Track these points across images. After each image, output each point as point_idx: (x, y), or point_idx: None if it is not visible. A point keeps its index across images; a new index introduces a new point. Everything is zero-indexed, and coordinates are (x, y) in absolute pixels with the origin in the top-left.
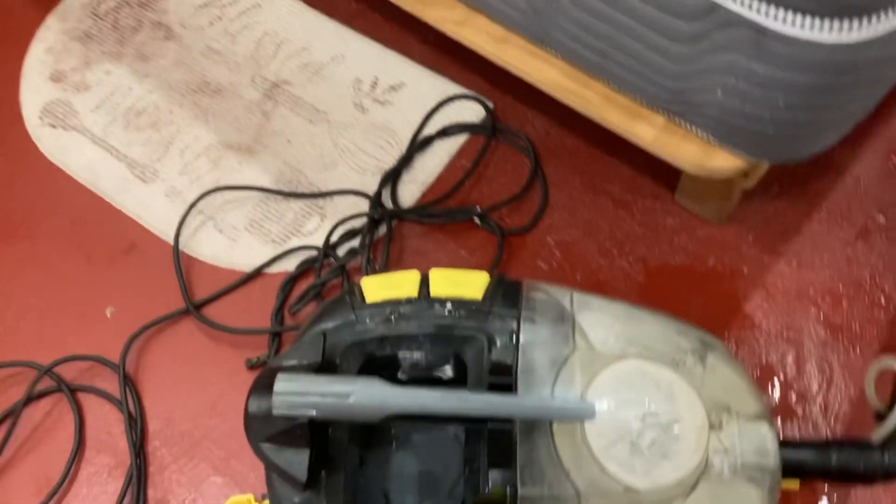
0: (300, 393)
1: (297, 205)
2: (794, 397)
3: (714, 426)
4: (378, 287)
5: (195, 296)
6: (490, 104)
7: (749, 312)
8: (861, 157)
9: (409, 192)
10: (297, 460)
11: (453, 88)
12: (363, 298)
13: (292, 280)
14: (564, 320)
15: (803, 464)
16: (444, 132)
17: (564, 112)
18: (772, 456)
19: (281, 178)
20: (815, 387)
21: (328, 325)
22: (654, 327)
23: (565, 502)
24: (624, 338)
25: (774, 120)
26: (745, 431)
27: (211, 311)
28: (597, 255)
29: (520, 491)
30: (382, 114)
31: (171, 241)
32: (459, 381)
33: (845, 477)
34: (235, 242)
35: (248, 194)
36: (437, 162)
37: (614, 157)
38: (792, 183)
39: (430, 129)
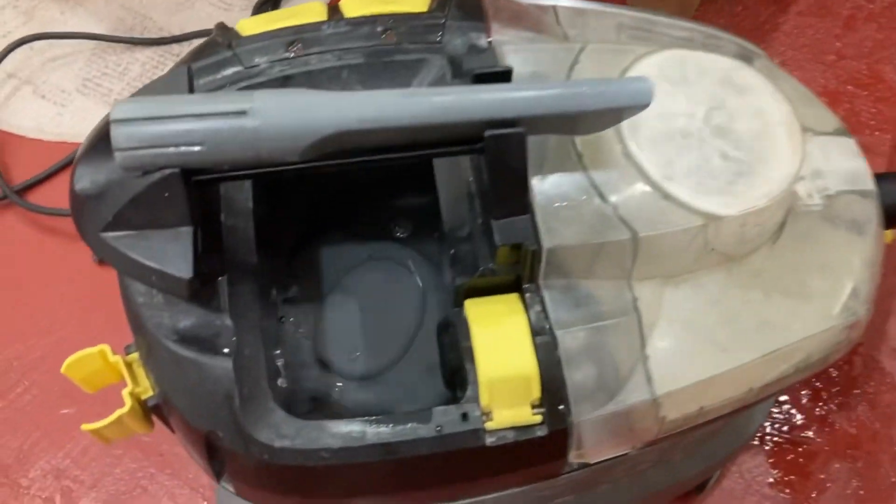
0: (160, 118)
1: (144, 55)
2: None
3: None
4: (265, 22)
5: (15, 178)
6: None
7: None
8: None
9: None
10: (174, 247)
11: None
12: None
13: None
14: (554, 30)
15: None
16: None
17: None
18: (868, 178)
19: (120, 27)
20: None
21: (194, 66)
22: (674, 29)
23: (614, 252)
24: (643, 40)
25: None
26: (829, 150)
27: (39, 196)
28: None
29: (545, 244)
30: None
31: None
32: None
33: None
34: (65, 108)
35: (77, 47)
36: None
37: None
38: None
39: None
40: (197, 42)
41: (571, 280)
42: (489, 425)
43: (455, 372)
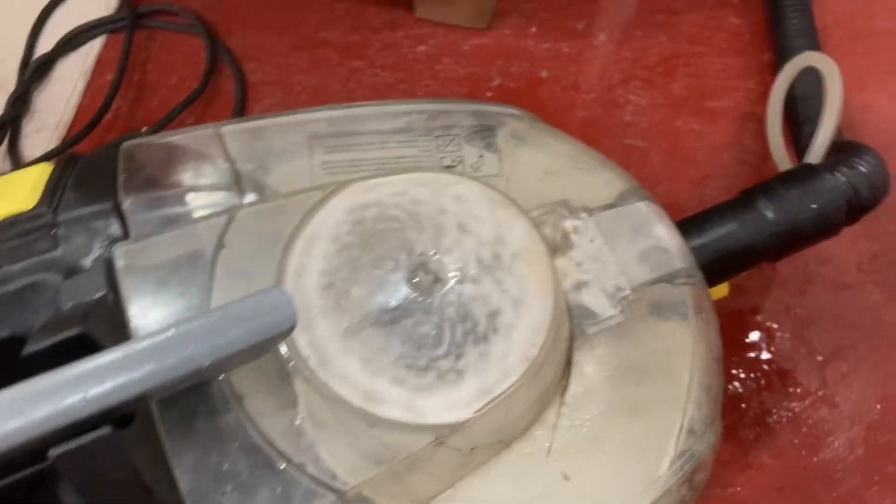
0: None
1: None
2: None
3: (559, 245)
4: None
5: None
6: None
7: (569, 130)
8: None
9: (41, 145)
10: None
11: None
12: None
13: None
14: (220, 173)
15: (726, 245)
16: (69, 44)
17: None
18: (675, 252)
19: None
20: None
21: None
22: (385, 120)
23: None
24: (338, 157)
25: None
26: (616, 229)
27: None
28: None
29: None
30: None
31: None
32: None
33: (803, 239)
34: None
35: None
36: (70, 88)
37: None
38: None
39: (44, 48)
40: None
41: None
42: None
43: None
